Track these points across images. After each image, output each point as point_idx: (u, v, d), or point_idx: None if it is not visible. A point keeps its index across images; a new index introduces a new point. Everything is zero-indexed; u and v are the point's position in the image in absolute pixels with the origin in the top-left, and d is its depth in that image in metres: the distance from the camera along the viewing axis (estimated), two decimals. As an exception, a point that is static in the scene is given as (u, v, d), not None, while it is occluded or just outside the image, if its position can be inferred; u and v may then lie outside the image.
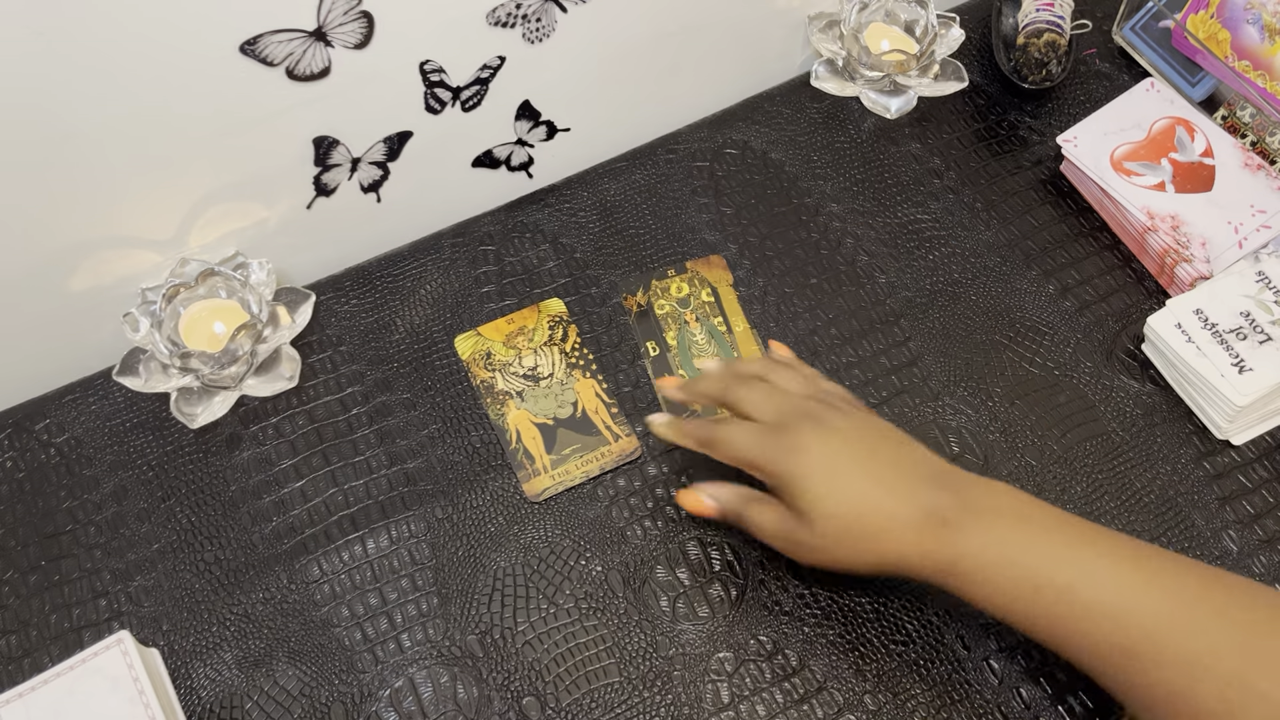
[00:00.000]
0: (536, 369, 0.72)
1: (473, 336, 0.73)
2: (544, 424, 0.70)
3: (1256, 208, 0.73)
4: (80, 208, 0.65)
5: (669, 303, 0.74)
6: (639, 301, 0.74)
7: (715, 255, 0.77)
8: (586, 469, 0.68)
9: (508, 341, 0.73)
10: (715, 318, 0.74)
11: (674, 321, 0.74)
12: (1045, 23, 0.81)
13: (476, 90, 0.73)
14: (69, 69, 0.57)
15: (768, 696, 0.61)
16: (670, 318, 0.74)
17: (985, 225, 0.78)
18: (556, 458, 0.68)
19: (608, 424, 0.69)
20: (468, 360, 0.72)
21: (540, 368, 0.72)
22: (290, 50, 0.63)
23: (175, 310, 0.70)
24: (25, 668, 0.62)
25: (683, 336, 0.73)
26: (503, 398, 0.71)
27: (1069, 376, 0.72)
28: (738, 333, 0.73)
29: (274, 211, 0.73)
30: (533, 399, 0.71)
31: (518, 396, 0.71)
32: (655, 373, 0.72)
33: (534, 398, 0.71)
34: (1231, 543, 0.65)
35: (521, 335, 0.73)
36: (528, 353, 0.72)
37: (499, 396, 0.71)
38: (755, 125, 0.83)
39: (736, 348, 0.73)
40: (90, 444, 0.70)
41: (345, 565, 0.65)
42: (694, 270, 0.76)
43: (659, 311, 0.74)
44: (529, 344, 0.73)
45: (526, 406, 0.70)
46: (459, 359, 0.72)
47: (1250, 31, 0.76)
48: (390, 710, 0.61)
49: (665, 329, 0.73)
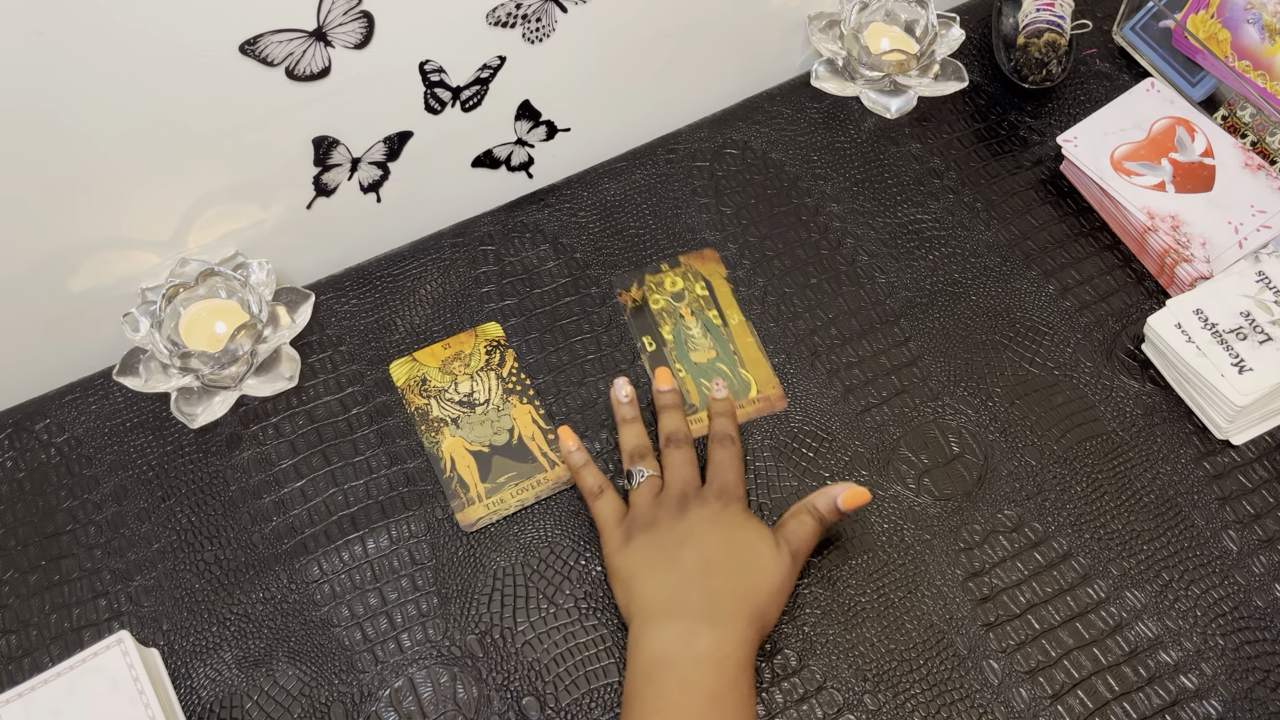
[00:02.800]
0: (473, 395, 0.70)
1: (408, 362, 0.72)
2: (479, 451, 0.69)
3: (1256, 208, 0.73)
4: (80, 208, 0.65)
5: (663, 297, 0.74)
6: (634, 297, 0.74)
7: (709, 249, 0.77)
8: (521, 497, 0.67)
9: (444, 367, 0.71)
10: (710, 311, 0.74)
11: (669, 316, 0.74)
12: (1045, 23, 0.81)
13: (476, 90, 0.73)
14: (69, 69, 0.57)
15: (768, 696, 0.61)
16: (665, 312, 0.74)
17: (985, 225, 0.78)
18: (491, 486, 0.67)
19: (544, 450, 0.68)
20: (402, 387, 0.71)
21: (476, 394, 0.70)
22: (290, 50, 0.63)
23: (175, 310, 0.70)
24: (25, 668, 0.62)
25: (678, 331, 0.73)
26: (438, 425, 0.69)
27: (1069, 376, 0.72)
28: (733, 325, 0.73)
29: (274, 211, 0.73)
30: (468, 426, 0.69)
31: (453, 423, 0.69)
32: (650, 367, 0.72)
33: (469, 425, 0.69)
34: (1231, 543, 0.65)
35: (458, 360, 0.71)
36: (464, 378, 0.71)
37: (434, 424, 0.69)
38: (755, 125, 0.83)
39: (732, 340, 0.73)
40: (90, 444, 0.70)
41: (345, 565, 0.65)
42: (688, 264, 0.76)
43: (654, 307, 0.74)
44: (465, 369, 0.71)
45: (462, 434, 0.69)
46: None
47: (1250, 31, 0.76)
48: (390, 710, 0.61)
49: (661, 324, 0.73)
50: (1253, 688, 0.61)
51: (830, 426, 0.70)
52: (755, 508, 0.67)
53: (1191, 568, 0.64)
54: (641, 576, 0.60)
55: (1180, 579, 0.64)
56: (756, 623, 0.58)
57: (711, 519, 0.61)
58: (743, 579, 0.59)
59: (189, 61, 0.60)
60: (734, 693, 0.55)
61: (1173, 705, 0.60)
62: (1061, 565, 0.65)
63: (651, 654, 0.57)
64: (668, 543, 0.60)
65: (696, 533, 0.60)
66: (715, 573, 0.59)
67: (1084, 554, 0.65)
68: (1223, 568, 0.64)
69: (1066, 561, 0.65)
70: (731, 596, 0.58)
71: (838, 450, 0.69)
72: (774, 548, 0.60)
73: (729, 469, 0.64)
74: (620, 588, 0.61)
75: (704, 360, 0.72)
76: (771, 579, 0.59)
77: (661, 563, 0.60)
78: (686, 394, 0.70)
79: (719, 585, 0.58)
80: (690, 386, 0.71)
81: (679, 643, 0.56)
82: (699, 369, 0.72)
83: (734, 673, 0.56)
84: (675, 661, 0.56)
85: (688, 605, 0.58)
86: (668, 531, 0.61)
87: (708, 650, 0.56)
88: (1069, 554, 0.65)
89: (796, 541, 0.61)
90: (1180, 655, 0.62)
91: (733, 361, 0.72)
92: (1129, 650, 0.62)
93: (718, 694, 0.55)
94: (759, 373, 0.72)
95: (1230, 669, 0.61)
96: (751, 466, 0.68)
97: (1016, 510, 0.67)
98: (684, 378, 0.71)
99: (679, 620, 0.57)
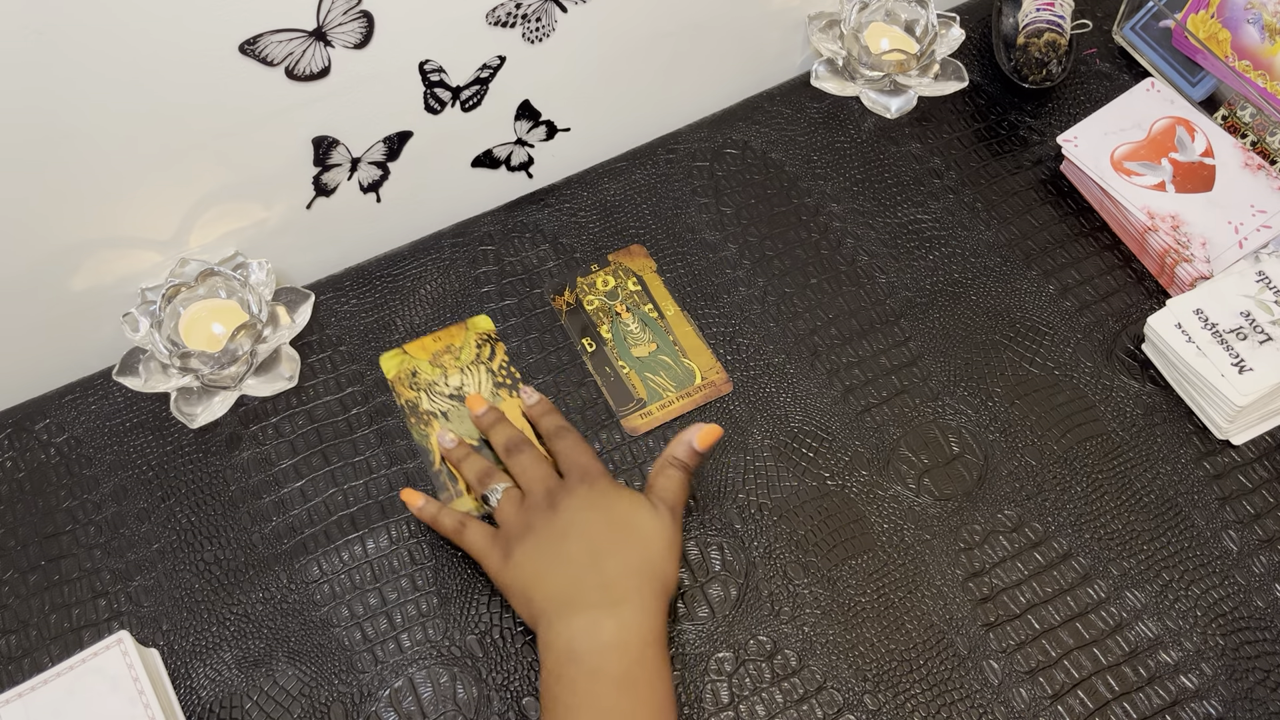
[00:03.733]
0: (463, 388, 0.70)
1: (399, 354, 0.72)
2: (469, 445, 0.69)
3: (1257, 208, 0.73)
4: (80, 207, 0.65)
5: (597, 297, 0.74)
6: (567, 300, 0.74)
7: (636, 245, 0.77)
8: None
9: (434, 360, 0.71)
10: (646, 305, 0.74)
11: (605, 315, 0.74)
12: (1045, 22, 0.81)
13: (476, 90, 0.73)
14: (69, 69, 0.57)
15: (767, 696, 0.61)
16: (601, 311, 0.74)
17: (985, 225, 0.78)
18: None
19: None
20: (393, 380, 0.71)
21: (467, 387, 0.70)
22: (290, 50, 0.63)
23: (175, 310, 0.70)
24: (25, 668, 0.62)
25: (616, 328, 0.73)
26: (428, 418, 0.69)
27: (1069, 376, 0.72)
28: (669, 317, 0.74)
29: (274, 211, 0.73)
30: (458, 419, 0.69)
31: (443, 417, 0.69)
32: (594, 368, 0.72)
33: (459, 418, 0.70)
34: (1231, 543, 0.65)
35: (448, 353, 0.72)
36: (454, 371, 0.71)
37: (424, 416, 0.69)
38: (755, 125, 0.83)
39: (671, 331, 0.73)
40: (90, 444, 0.70)
41: (345, 565, 0.65)
42: (617, 262, 0.76)
43: (589, 307, 0.74)
44: (455, 362, 0.71)
45: (451, 427, 0.69)
46: (459, 359, 0.72)
47: (1250, 31, 0.76)
48: (390, 710, 0.61)
49: (598, 324, 0.73)
50: (1253, 688, 0.61)
51: (830, 426, 0.70)
52: (755, 507, 0.67)
53: (1192, 568, 0.64)
54: (535, 582, 0.59)
55: (1180, 579, 0.64)
56: (658, 591, 0.58)
57: (583, 504, 0.61)
58: (633, 552, 0.59)
59: (189, 61, 0.60)
60: (641, 670, 0.56)
61: (1173, 705, 0.60)
62: (1061, 565, 0.65)
63: (559, 651, 0.57)
64: (550, 540, 0.60)
65: (574, 522, 0.60)
66: (604, 555, 0.59)
67: (1084, 554, 0.65)
68: (1223, 568, 0.64)
69: (1066, 561, 0.65)
70: (627, 574, 0.58)
71: (838, 450, 0.69)
72: (651, 510, 0.61)
73: (579, 452, 0.64)
74: (518, 600, 0.60)
75: (645, 354, 0.72)
76: (658, 542, 0.60)
77: (550, 562, 0.60)
78: (633, 389, 0.71)
79: (612, 567, 0.59)
80: (636, 382, 0.71)
81: (584, 635, 0.57)
82: (642, 364, 0.72)
83: (639, 651, 0.56)
84: (582, 654, 0.56)
85: (586, 596, 0.58)
86: (545, 530, 0.61)
87: (612, 636, 0.56)
88: (1069, 554, 0.65)
89: (670, 497, 0.61)
90: (1180, 655, 0.62)
91: (674, 352, 0.72)
92: (1129, 650, 0.62)
93: (626, 676, 0.55)
94: (701, 360, 0.72)
95: (1230, 669, 0.61)
96: (751, 466, 0.68)
97: (1016, 510, 0.67)
98: (629, 374, 0.71)
99: (581, 613, 0.57)
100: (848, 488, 0.67)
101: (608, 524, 0.60)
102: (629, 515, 0.60)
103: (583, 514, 0.61)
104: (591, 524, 0.60)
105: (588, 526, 0.60)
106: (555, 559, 0.59)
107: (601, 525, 0.60)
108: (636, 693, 0.55)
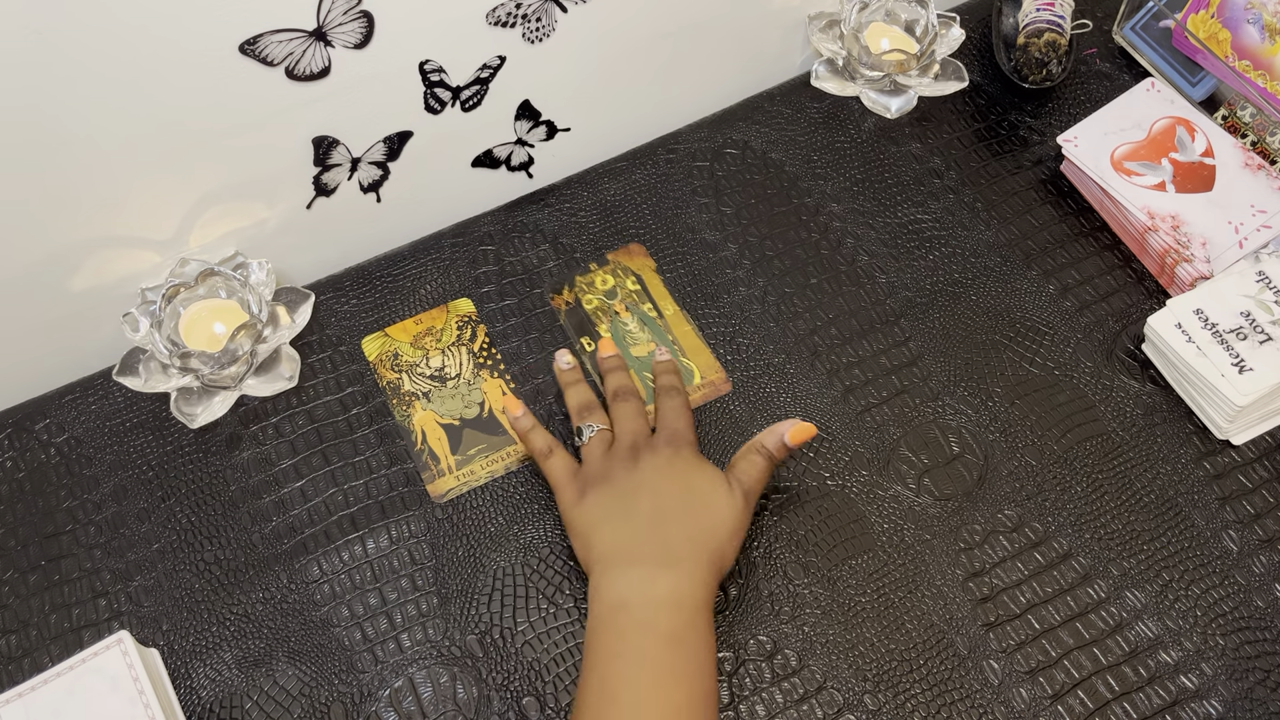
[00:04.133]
0: (444, 369, 0.71)
1: (380, 337, 0.73)
2: (450, 424, 0.69)
3: (1257, 208, 0.73)
4: (80, 207, 0.65)
5: (596, 296, 0.74)
6: (566, 300, 0.74)
7: (635, 244, 0.77)
8: (491, 469, 0.68)
9: (415, 342, 0.72)
10: (644, 304, 0.74)
11: (604, 314, 0.74)
12: (1046, 22, 0.81)
13: (476, 90, 0.73)
14: (69, 69, 0.57)
15: (767, 696, 0.61)
16: (600, 311, 0.74)
17: (985, 225, 0.78)
18: (461, 458, 0.68)
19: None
20: (374, 361, 0.72)
21: (448, 368, 0.71)
22: (290, 50, 0.63)
23: (175, 310, 0.70)
24: (25, 668, 0.62)
25: (615, 328, 0.73)
26: (409, 399, 0.70)
27: (1069, 376, 0.72)
28: (669, 316, 0.74)
29: (274, 211, 0.73)
30: (439, 400, 0.70)
31: (424, 397, 0.70)
32: (593, 367, 0.72)
33: (440, 398, 0.70)
34: (1231, 543, 0.65)
35: (429, 336, 0.72)
36: (435, 353, 0.72)
37: (405, 397, 0.70)
38: (755, 125, 0.83)
39: (670, 331, 0.73)
40: (90, 444, 0.70)
41: (345, 565, 0.65)
42: (616, 261, 0.76)
43: (588, 306, 0.74)
44: (436, 344, 0.72)
45: (433, 407, 0.70)
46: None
47: (1250, 31, 0.76)
48: (390, 710, 0.61)
49: (597, 322, 0.73)
50: (1253, 688, 0.61)
51: (830, 426, 0.70)
52: (756, 507, 0.67)
53: (1192, 568, 0.64)
54: (599, 528, 0.60)
55: (1180, 579, 0.64)
56: (714, 565, 0.59)
57: (664, 467, 0.62)
58: (698, 523, 0.60)
59: (189, 61, 0.60)
60: (691, 632, 0.56)
61: (1173, 705, 0.60)
62: (1061, 565, 0.65)
63: (610, 600, 0.57)
64: (623, 493, 0.61)
65: (650, 481, 0.61)
66: (670, 519, 0.60)
67: (1084, 554, 0.65)
68: (1223, 568, 0.64)
69: (1066, 561, 0.65)
70: (687, 541, 0.59)
71: (838, 450, 0.69)
72: (727, 490, 0.61)
73: (677, 416, 0.65)
74: (579, 541, 0.61)
75: (644, 354, 0.72)
76: (726, 521, 0.60)
77: (618, 513, 0.60)
78: None
79: (675, 531, 0.59)
80: (635, 381, 0.71)
81: (637, 588, 0.57)
82: (640, 363, 0.72)
83: (690, 614, 0.57)
84: (633, 606, 0.57)
85: (645, 552, 0.59)
86: (622, 482, 0.61)
87: (665, 593, 0.57)
88: (1069, 554, 0.65)
89: (748, 481, 0.62)
90: (1180, 655, 0.62)
91: (673, 352, 0.72)
92: (1129, 650, 0.62)
93: (676, 634, 0.56)
94: (700, 359, 0.72)
95: (1230, 669, 0.61)
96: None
97: (1016, 510, 0.67)
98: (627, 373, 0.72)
99: (637, 566, 0.58)
100: (848, 488, 0.67)
101: (682, 491, 0.61)
102: (704, 488, 0.61)
103: (660, 475, 0.61)
104: (666, 487, 0.61)
105: (661, 488, 0.61)
106: (623, 512, 0.60)
107: (675, 491, 0.61)
108: (684, 651, 0.56)
